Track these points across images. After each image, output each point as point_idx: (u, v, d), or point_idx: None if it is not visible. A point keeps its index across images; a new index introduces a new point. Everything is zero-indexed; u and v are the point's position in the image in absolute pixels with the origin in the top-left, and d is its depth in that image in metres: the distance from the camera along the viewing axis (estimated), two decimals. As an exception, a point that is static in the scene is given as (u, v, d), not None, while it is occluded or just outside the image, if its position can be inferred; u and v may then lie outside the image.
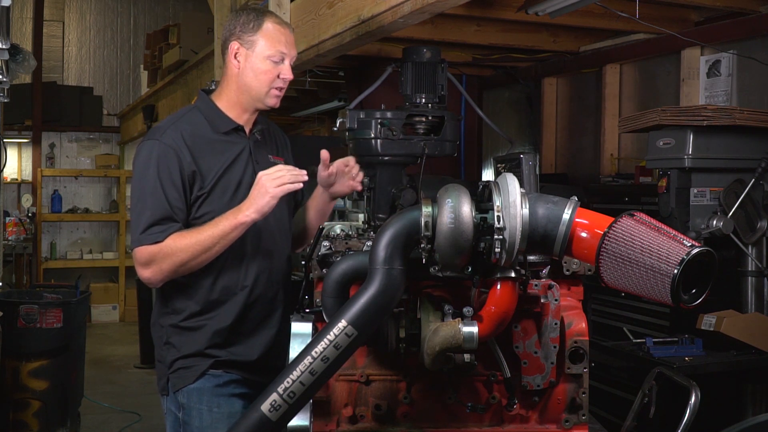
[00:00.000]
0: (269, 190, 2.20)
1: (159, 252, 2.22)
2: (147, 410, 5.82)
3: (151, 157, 2.29)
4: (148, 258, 2.24)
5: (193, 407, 2.32)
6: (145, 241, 2.23)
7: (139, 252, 2.25)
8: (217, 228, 2.23)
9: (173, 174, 2.27)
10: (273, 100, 2.41)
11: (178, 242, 2.22)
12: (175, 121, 2.37)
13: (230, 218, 2.23)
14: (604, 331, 3.81)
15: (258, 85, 2.38)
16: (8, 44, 3.50)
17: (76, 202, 10.56)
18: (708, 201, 3.34)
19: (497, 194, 1.69)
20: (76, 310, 4.91)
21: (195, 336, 2.34)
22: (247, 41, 2.37)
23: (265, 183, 2.21)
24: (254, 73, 2.37)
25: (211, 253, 2.24)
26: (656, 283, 1.60)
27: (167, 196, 2.25)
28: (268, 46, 2.36)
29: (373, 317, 1.71)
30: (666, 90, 4.47)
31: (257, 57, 2.36)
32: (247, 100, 2.40)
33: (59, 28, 10.76)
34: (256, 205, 2.21)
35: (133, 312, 9.16)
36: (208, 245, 2.22)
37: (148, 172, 2.28)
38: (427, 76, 2.52)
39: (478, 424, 1.98)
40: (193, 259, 2.23)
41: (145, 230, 2.23)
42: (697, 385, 2.46)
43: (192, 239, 2.22)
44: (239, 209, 2.23)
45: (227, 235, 2.23)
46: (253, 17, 2.38)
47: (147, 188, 2.27)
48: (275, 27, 2.38)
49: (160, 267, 2.24)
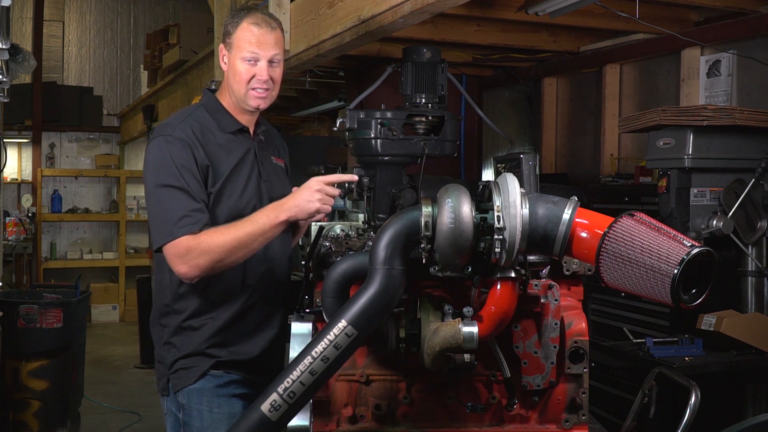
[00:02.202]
0: (318, 204, 2.19)
1: (197, 246, 2.16)
2: (147, 410, 5.82)
3: (165, 151, 2.25)
4: (185, 251, 2.16)
5: (193, 408, 2.32)
6: (178, 233, 2.17)
7: (175, 246, 2.17)
8: (257, 224, 2.18)
9: (191, 166, 2.24)
10: (254, 101, 2.38)
11: (216, 239, 2.16)
12: (185, 118, 2.36)
13: (270, 215, 2.19)
14: (604, 331, 3.81)
15: (237, 86, 2.37)
16: (8, 44, 3.51)
17: (76, 202, 10.56)
18: (708, 201, 3.34)
19: (497, 194, 1.69)
20: (76, 310, 4.90)
21: (195, 336, 2.33)
22: (227, 43, 2.39)
23: (315, 194, 2.18)
24: (233, 75, 2.37)
25: (249, 250, 2.20)
26: (656, 283, 1.60)
27: (191, 188, 2.22)
28: (240, 48, 2.35)
29: (373, 317, 1.71)
30: (666, 90, 4.47)
31: (234, 58, 2.37)
32: (235, 101, 2.41)
33: (59, 28, 10.75)
34: (297, 209, 2.19)
35: (133, 312, 9.16)
36: (246, 242, 2.18)
37: (166, 166, 2.24)
38: (427, 76, 2.51)
39: (478, 424, 1.98)
40: (232, 255, 2.18)
41: (177, 222, 2.18)
42: (697, 385, 2.46)
43: (230, 236, 2.17)
44: (279, 207, 2.20)
45: (266, 233, 2.19)
46: (236, 18, 2.37)
47: (168, 182, 2.22)
48: (249, 27, 2.35)
49: (197, 262, 2.16)
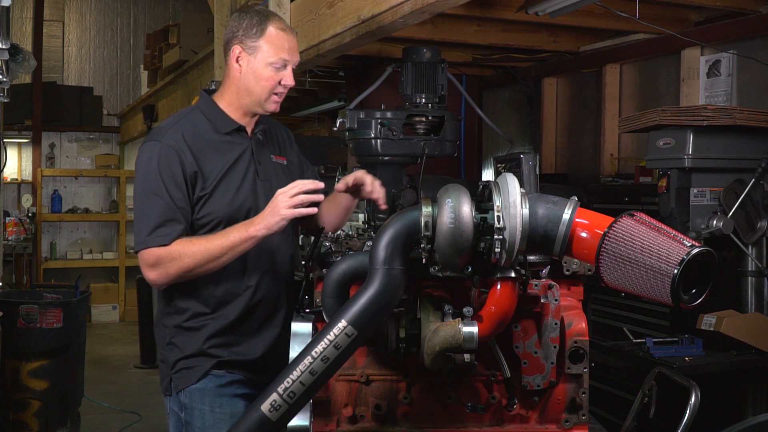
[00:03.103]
0: (281, 212, 2.16)
1: (167, 255, 2.21)
2: (147, 410, 5.82)
3: (153, 158, 2.28)
4: (155, 260, 2.22)
5: (195, 407, 2.32)
6: (151, 243, 2.22)
7: (146, 254, 2.23)
8: (227, 239, 2.20)
9: (176, 174, 2.26)
10: (273, 106, 2.39)
11: (186, 248, 2.21)
12: (177, 122, 2.37)
13: (241, 231, 2.20)
14: (604, 331, 3.81)
15: (259, 90, 2.36)
16: (8, 44, 3.50)
17: (76, 202, 10.56)
18: (708, 201, 3.34)
19: (497, 194, 1.69)
20: (76, 310, 4.90)
21: (197, 336, 2.34)
22: (249, 46, 2.34)
23: (279, 203, 2.17)
24: (256, 79, 2.35)
25: (218, 262, 2.22)
26: (656, 283, 1.60)
27: (172, 197, 2.24)
28: (270, 53, 2.33)
29: (373, 317, 1.71)
30: (666, 90, 4.47)
31: (259, 63, 2.34)
32: (247, 103, 2.39)
33: (59, 28, 10.76)
34: (266, 222, 2.18)
35: (133, 312, 9.16)
36: (216, 254, 2.20)
37: (151, 174, 2.27)
38: (427, 76, 2.52)
39: (478, 424, 1.98)
40: (200, 266, 2.22)
41: (151, 232, 2.22)
42: (697, 385, 2.46)
43: (201, 247, 2.21)
44: (251, 223, 2.21)
45: (236, 247, 2.21)
46: (257, 21, 2.34)
47: (151, 189, 2.26)
48: (279, 33, 2.34)
49: (166, 270, 2.22)
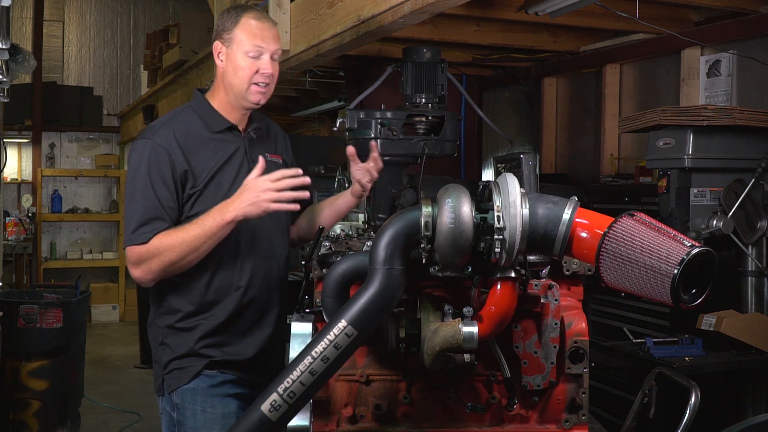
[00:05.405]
0: (262, 204, 2.14)
1: (147, 252, 2.22)
2: (147, 410, 5.81)
3: (143, 156, 2.29)
4: (138, 258, 2.24)
5: (187, 407, 2.32)
6: (134, 240, 2.23)
7: (130, 252, 2.26)
8: (203, 227, 2.19)
9: (164, 173, 2.27)
10: (255, 97, 2.37)
11: (164, 242, 2.21)
12: (168, 121, 2.38)
13: (216, 217, 2.18)
14: (604, 331, 3.81)
15: (238, 81, 2.35)
16: (8, 44, 3.50)
17: (76, 202, 10.55)
18: (708, 201, 3.34)
19: (497, 194, 1.68)
20: (76, 310, 4.90)
21: (189, 336, 2.34)
22: (226, 39, 2.37)
23: (261, 194, 2.14)
24: (234, 70, 2.35)
25: (199, 252, 2.22)
26: (656, 283, 1.60)
27: (158, 196, 2.25)
28: (245, 42, 2.33)
29: (373, 317, 1.71)
30: (666, 90, 4.47)
31: (236, 53, 2.35)
32: (233, 98, 2.39)
33: (59, 28, 10.75)
34: (243, 210, 2.15)
35: (133, 312, 9.16)
36: (194, 245, 2.20)
37: (140, 172, 2.28)
38: (427, 76, 2.52)
39: (478, 424, 1.98)
40: (182, 258, 2.21)
41: (135, 230, 2.24)
42: (697, 385, 2.46)
43: (178, 239, 2.20)
44: (225, 208, 2.18)
45: (214, 235, 2.19)
46: (233, 15, 2.37)
47: (138, 188, 2.27)
48: (252, 22, 2.35)
49: (149, 266, 2.23)
